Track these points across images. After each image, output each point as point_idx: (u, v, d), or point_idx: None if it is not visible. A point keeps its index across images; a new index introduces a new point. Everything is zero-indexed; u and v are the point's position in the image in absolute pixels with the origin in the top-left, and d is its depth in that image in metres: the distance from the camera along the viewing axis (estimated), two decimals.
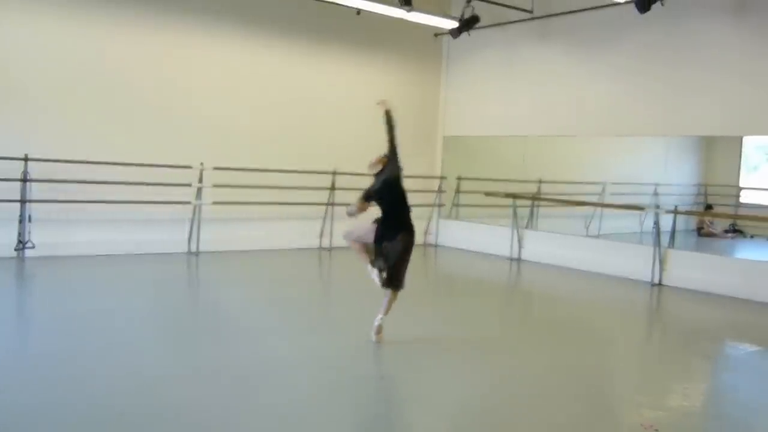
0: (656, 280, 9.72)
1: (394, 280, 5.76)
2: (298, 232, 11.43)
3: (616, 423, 4.57)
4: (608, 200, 13.64)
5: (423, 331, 6.63)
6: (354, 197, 9.72)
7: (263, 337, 6.08)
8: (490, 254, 11.87)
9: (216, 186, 10.26)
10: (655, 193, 14.20)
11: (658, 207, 10.36)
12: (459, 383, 5.10)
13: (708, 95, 9.58)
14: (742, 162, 17.32)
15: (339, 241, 11.33)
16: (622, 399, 5.12)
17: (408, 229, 5.87)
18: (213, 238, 10.40)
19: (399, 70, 12.76)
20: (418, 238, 13.13)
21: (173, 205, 10.05)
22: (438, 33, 12.68)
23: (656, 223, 9.98)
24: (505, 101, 12.11)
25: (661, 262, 9.76)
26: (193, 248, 10.20)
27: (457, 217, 13.01)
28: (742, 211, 16.40)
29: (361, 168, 11.81)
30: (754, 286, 8.88)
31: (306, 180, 11.26)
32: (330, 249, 11.43)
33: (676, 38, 9.89)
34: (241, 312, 7.03)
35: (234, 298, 7.68)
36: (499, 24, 11.87)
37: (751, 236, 16.58)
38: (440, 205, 13.08)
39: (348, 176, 11.31)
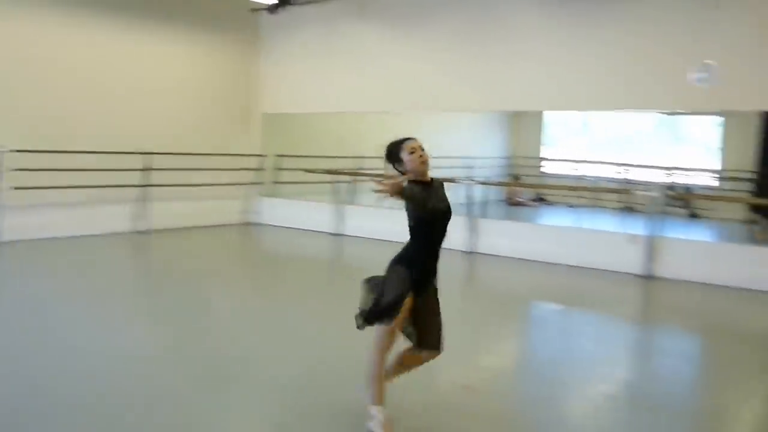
0: (470, 249, 10.19)
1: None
2: (110, 215, 10.73)
3: (434, 385, 4.71)
4: None
5: (245, 306, 6.50)
6: (170, 177, 9.39)
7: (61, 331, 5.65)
8: (313, 231, 11.86)
9: (16, 170, 9.35)
10: (468, 166, 14.84)
11: (470, 179, 10.85)
12: (286, 354, 5.05)
13: (513, 74, 10.10)
14: (543, 136, 18.68)
15: (158, 223, 10.89)
16: (439, 362, 5.29)
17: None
18: (17, 225, 9.50)
19: (214, 46, 12.28)
20: (237, 216, 12.85)
21: None
22: (255, 8, 12.36)
23: (470, 195, 10.45)
24: (324, 78, 12.07)
25: (474, 232, 10.24)
26: None
27: (278, 195, 12.86)
28: (545, 181, 17.69)
29: (176, 146, 11.32)
30: (558, 250, 9.57)
31: (116, 161, 10.56)
32: (147, 232, 10.83)
33: (486, 20, 10.33)
34: (40, 305, 6.48)
35: (38, 289, 7.07)
36: (317, 1, 11.78)
37: (571, 206, 17.75)
38: (260, 183, 12.85)
39: (162, 156, 10.79)
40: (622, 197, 14.27)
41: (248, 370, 4.80)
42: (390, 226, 11.18)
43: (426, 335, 3.88)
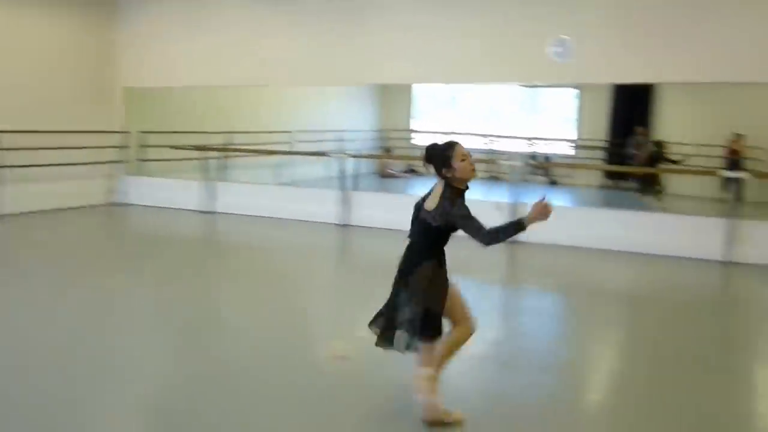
0: (344, 222, 10.30)
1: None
2: None
3: (307, 357, 4.78)
4: (297, 148, 14.08)
5: (120, 293, 6.29)
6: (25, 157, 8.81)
7: None
8: (183, 209, 11.54)
9: None
10: (340, 140, 14.93)
11: (342, 153, 10.93)
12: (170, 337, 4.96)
13: (381, 48, 10.22)
14: (412, 108, 19.03)
15: (13, 206, 10.20)
16: (315, 334, 5.38)
17: None
18: None
19: (64, 13, 11.53)
20: (102, 197, 12.25)
21: None
22: None
23: (341, 168, 10.54)
24: (189, 51, 11.67)
25: (347, 204, 10.35)
26: None
27: (144, 174, 12.39)
28: (415, 153, 18.05)
29: (29, 124, 10.59)
30: None
31: None
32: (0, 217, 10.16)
33: None
34: None
35: None
36: None
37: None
38: (125, 162, 12.31)
39: (13, 135, 10.14)
40: (488, 167, 14.83)
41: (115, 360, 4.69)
42: (262, 201, 11.15)
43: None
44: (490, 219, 4.07)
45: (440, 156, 3.71)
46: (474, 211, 3.57)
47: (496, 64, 9.60)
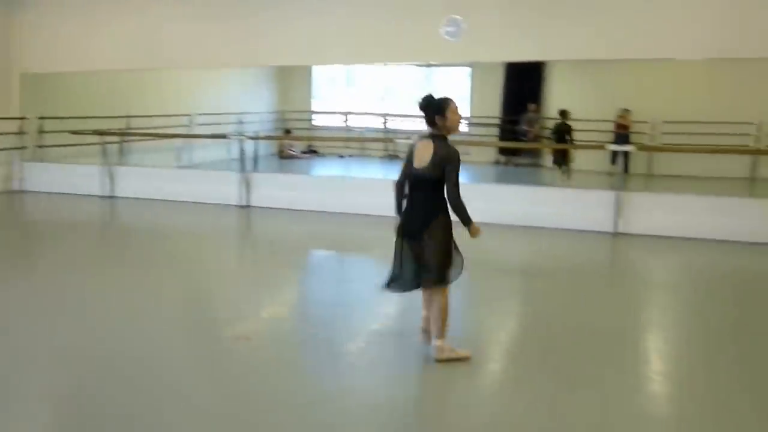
0: (245, 203, 10.24)
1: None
2: None
3: (210, 339, 4.85)
4: (197, 131, 13.81)
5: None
6: None
7: None
8: (84, 195, 11.33)
9: None
10: (240, 122, 14.76)
11: (241, 135, 10.82)
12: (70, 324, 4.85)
13: (278, 29, 10.27)
14: (312, 89, 18.97)
15: None
16: (216, 317, 5.38)
17: None
18: None
19: None
20: (2, 185, 11.53)
21: None
22: None
23: (242, 150, 10.44)
24: (86, 35, 11.43)
25: (248, 186, 10.28)
26: None
27: (43, 160, 11.90)
28: (315, 134, 18.10)
29: None
30: (328, 199, 9.93)
31: None
32: None
33: None
34: None
35: None
36: None
37: (341, 156, 18.04)
38: (22, 148, 11.75)
39: None
40: (386, 146, 15.03)
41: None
42: (163, 185, 10.95)
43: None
44: (390, 197, 4.20)
45: (437, 105, 4.19)
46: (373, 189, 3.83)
47: (393, 45, 9.77)
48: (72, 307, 5.52)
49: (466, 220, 4.21)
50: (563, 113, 12.51)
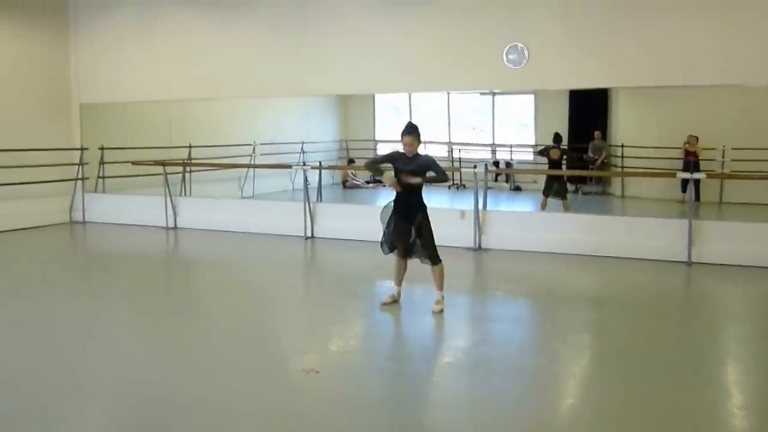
0: (309, 234, 10.27)
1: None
2: None
3: (280, 371, 4.77)
4: (259, 161, 14.00)
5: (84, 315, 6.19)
6: None
7: None
8: (145, 226, 11.37)
9: None
10: (302, 151, 14.89)
11: (304, 164, 10.90)
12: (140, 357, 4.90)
13: (340, 58, 10.25)
14: (375, 118, 19.02)
15: None
16: (286, 348, 5.36)
17: None
18: None
19: (16, 32, 11.34)
20: (61, 216, 11.93)
21: None
22: None
23: (305, 180, 10.51)
24: (145, 65, 11.55)
25: (312, 216, 10.33)
26: None
27: (104, 191, 12.21)
28: None
29: None
30: None
31: None
32: None
33: (309, 2, 10.40)
34: None
35: None
36: None
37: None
38: (84, 179, 12.12)
39: None
40: (451, 175, 14.90)
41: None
42: (225, 216, 11.06)
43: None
44: (455, 226, 4.11)
45: (418, 131, 6.32)
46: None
47: (457, 74, 9.70)
48: (136, 338, 5.56)
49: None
50: (557, 137, 12.09)
